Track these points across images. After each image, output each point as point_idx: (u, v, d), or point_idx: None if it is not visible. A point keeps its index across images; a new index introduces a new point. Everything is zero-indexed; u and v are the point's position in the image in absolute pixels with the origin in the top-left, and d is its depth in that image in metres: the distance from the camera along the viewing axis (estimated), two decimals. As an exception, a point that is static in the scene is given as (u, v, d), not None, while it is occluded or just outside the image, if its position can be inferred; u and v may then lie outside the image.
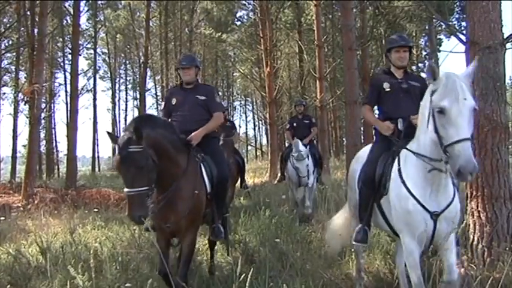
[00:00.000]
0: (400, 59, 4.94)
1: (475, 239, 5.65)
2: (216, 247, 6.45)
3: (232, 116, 53.28)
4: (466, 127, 3.46)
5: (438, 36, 34.69)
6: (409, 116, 4.63)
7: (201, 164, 4.96)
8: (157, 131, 4.38)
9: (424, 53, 38.14)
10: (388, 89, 4.93)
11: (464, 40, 6.32)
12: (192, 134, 5.09)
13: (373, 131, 5.30)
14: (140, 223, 3.93)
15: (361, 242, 4.74)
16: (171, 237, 4.79)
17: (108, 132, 4.22)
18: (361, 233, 4.71)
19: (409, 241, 4.06)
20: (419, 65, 39.13)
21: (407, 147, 4.21)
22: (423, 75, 5.47)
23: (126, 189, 3.97)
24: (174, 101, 5.60)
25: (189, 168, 4.68)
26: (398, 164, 4.26)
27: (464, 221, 5.77)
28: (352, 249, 5.46)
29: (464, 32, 10.23)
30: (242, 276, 3.09)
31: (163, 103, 5.94)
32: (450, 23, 28.07)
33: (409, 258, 4.09)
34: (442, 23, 27.99)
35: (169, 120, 5.55)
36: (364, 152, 5.17)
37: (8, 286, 5.33)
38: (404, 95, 4.86)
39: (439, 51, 33.99)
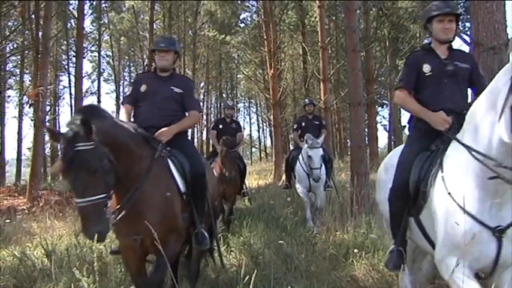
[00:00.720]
0: (445, 30, 3.89)
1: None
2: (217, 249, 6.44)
3: (237, 118, 53.35)
4: None
5: (442, 37, 34.65)
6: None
7: (169, 160, 4.19)
8: (110, 122, 3.58)
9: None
10: (429, 73, 3.89)
11: (468, 41, 6.33)
12: (162, 129, 4.34)
13: (407, 127, 4.29)
14: (100, 240, 3.16)
15: (393, 268, 3.84)
16: (144, 255, 3.99)
17: (48, 129, 3.60)
18: (393, 256, 3.78)
19: (458, 272, 3.01)
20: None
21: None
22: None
23: (76, 200, 3.19)
24: (143, 88, 4.69)
25: (154, 167, 3.87)
26: (441, 168, 3.38)
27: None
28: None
29: (468, 32, 10.21)
30: (246, 278, 3.09)
31: (129, 89, 5.01)
32: (454, 23, 28.06)
33: None
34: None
35: (132, 111, 4.77)
36: (392, 157, 4.27)
37: (13, 289, 5.37)
38: (449, 81, 3.86)
39: (443, 52, 33.94)
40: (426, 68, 3.89)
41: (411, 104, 3.92)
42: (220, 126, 9.80)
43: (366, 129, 18.56)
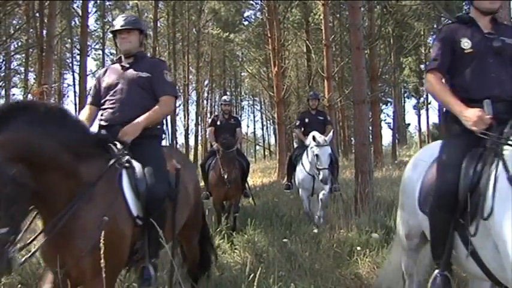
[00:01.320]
0: None
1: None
2: (220, 246, 6.45)
3: (241, 116, 53.34)
4: None
5: (447, 35, 34.55)
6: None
7: (123, 172, 3.31)
8: (36, 129, 2.71)
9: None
10: (470, 49, 3.13)
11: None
12: (126, 126, 3.58)
13: (442, 118, 3.65)
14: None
15: None
16: None
17: None
18: (439, 284, 3.01)
19: None
20: (428, 63, 39.02)
21: None
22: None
23: None
24: (105, 82, 3.95)
25: (99, 182, 3.06)
26: (506, 169, 2.59)
27: None
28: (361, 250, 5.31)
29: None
30: (251, 276, 3.09)
31: (91, 87, 4.30)
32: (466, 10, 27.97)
33: None
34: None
35: (97, 111, 4.00)
36: (428, 152, 3.49)
37: (19, 286, 5.38)
38: (495, 60, 3.09)
39: (448, 49, 33.85)
40: (466, 44, 3.12)
41: (443, 92, 3.12)
42: (218, 123, 9.20)
43: (370, 127, 18.52)
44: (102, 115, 3.91)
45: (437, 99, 3.26)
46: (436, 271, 3.05)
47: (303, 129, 9.53)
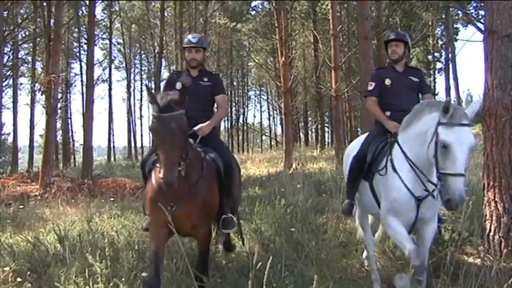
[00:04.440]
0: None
1: (492, 229, 5.61)
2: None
3: (247, 106, 53.33)
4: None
5: (455, 25, 34.39)
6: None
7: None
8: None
9: (440, 43, 37.79)
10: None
11: (482, 29, 6.24)
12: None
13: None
14: None
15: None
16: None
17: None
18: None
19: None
20: (436, 54, 38.82)
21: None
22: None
23: None
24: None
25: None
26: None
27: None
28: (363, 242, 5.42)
29: (482, 20, 10.10)
30: (258, 265, 3.11)
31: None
32: (468, 11, 27.79)
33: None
34: (459, 12, 27.72)
35: None
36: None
37: (28, 273, 5.44)
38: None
39: (456, 40, 33.73)
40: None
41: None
42: (179, 85, 4.96)
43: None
44: None
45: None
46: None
47: (377, 97, 5.43)
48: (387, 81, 5.22)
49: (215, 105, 5.36)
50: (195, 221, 4.37)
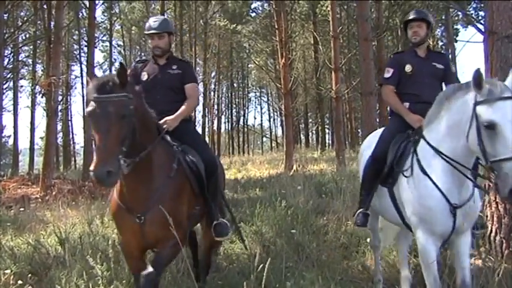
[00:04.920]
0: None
1: (493, 230, 5.59)
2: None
3: (248, 108, 53.36)
4: None
5: (455, 26, 34.36)
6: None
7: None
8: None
9: (440, 44, 37.80)
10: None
11: (483, 30, 6.24)
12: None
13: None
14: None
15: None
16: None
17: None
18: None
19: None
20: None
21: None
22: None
23: None
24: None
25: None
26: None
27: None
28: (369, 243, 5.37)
29: (482, 21, 10.10)
30: (259, 267, 3.11)
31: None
32: (468, 12, 27.79)
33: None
34: (459, 13, 27.73)
35: None
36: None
37: (29, 275, 5.43)
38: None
39: (456, 41, 33.67)
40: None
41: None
42: (145, 77, 4.61)
43: (378, 119, 18.49)
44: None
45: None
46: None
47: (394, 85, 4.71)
48: (408, 68, 4.52)
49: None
50: (158, 234, 3.68)
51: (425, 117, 3.96)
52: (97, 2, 23.07)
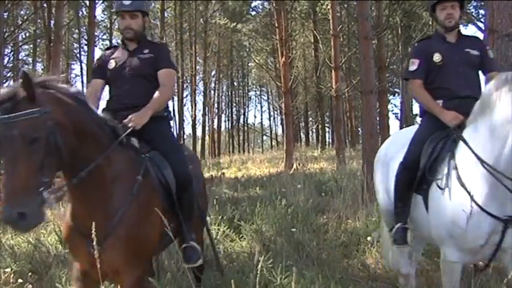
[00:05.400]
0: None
1: None
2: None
3: (248, 106, 53.35)
4: None
5: (455, 25, 34.31)
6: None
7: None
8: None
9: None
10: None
11: (483, 28, 6.25)
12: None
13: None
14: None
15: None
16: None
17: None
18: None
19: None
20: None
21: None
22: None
23: None
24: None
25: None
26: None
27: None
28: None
29: (482, 19, 10.09)
30: (259, 265, 3.11)
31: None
32: (468, 10, 27.74)
33: None
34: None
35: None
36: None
37: (29, 274, 5.44)
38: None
39: (456, 39, 33.65)
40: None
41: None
42: (111, 65, 3.91)
43: (378, 118, 18.48)
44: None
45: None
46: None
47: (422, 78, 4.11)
48: (436, 57, 3.82)
49: None
50: (117, 264, 3.03)
51: (470, 114, 3.37)
52: (97, 0, 23.12)
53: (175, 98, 35.56)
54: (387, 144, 4.53)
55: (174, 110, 39.35)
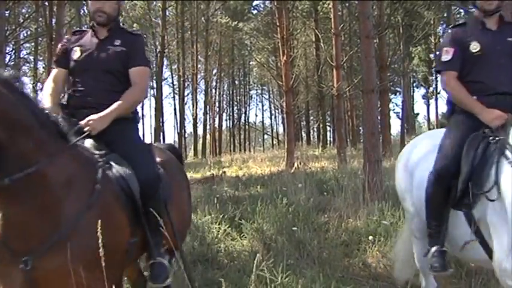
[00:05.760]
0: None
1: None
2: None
3: (249, 105, 53.35)
4: None
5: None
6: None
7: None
8: None
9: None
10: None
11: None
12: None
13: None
14: None
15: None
16: None
17: None
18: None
19: None
20: (438, 53, 38.78)
21: None
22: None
23: None
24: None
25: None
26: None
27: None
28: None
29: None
30: (261, 264, 3.11)
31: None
32: (469, 9, 27.71)
33: None
34: (461, 10, 27.64)
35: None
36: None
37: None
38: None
39: (458, 38, 33.62)
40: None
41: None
42: (76, 55, 3.37)
43: (379, 117, 18.49)
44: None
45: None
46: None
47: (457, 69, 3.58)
48: (474, 46, 3.26)
49: None
50: (68, 283, 2.39)
51: None
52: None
53: (176, 97, 35.59)
54: (408, 149, 3.96)
55: (175, 109, 39.47)
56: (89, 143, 2.98)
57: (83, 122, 2.98)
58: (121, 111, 3.15)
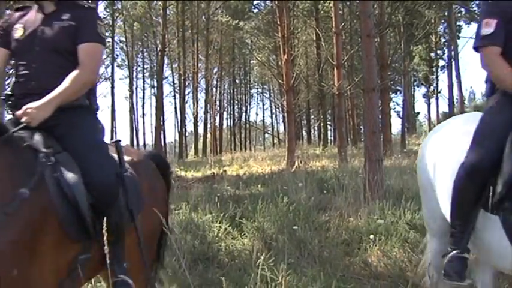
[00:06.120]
0: None
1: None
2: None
3: (250, 104, 53.35)
4: None
5: (458, 23, 34.30)
6: None
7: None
8: None
9: (443, 40, 37.75)
10: None
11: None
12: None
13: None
14: None
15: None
16: None
17: None
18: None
19: None
20: (439, 52, 38.78)
21: None
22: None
23: None
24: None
25: None
26: None
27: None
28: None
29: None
30: (260, 263, 3.11)
31: None
32: (470, 8, 27.74)
33: None
34: (462, 9, 27.66)
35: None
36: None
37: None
38: None
39: (459, 37, 33.67)
40: None
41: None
42: (18, 33, 2.80)
43: (380, 116, 18.48)
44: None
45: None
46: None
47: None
48: None
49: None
50: None
51: None
52: (99, -3, 23.09)
53: (177, 96, 35.60)
54: (432, 137, 3.42)
55: (176, 107, 39.50)
56: (37, 138, 2.44)
57: (19, 112, 2.48)
58: (66, 97, 2.59)
